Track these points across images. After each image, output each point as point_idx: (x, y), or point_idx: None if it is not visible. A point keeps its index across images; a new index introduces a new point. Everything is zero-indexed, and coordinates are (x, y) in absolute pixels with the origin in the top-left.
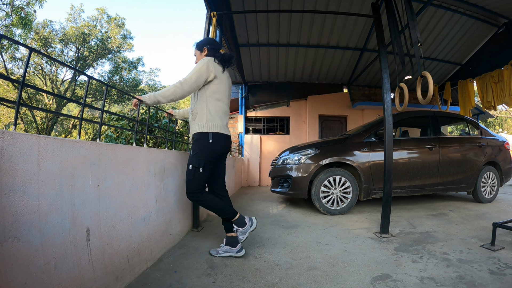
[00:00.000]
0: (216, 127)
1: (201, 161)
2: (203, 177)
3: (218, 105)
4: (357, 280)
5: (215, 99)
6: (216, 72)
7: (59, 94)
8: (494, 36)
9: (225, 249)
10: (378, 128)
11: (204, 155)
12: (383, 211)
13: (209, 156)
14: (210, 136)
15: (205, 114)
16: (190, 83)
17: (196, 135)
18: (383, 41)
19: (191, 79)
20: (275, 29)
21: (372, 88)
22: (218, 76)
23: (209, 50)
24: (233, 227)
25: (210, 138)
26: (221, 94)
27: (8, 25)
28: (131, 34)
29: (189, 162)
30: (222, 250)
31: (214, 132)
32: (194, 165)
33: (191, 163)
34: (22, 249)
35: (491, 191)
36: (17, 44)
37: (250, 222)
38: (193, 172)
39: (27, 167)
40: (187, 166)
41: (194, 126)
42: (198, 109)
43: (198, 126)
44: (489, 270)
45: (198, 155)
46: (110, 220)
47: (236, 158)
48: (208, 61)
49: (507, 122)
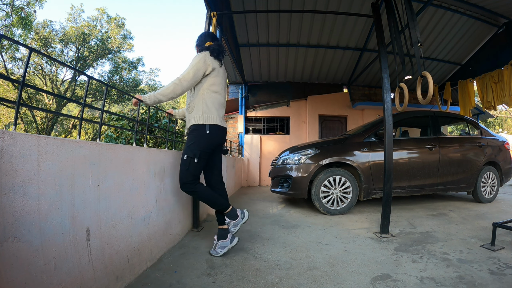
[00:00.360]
0: (213, 119)
1: (197, 151)
2: (197, 168)
3: (215, 97)
4: (357, 280)
5: (212, 91)
6: (213, 64)
7: (59, 94)
8: (494, 36)
9: (219, 244)
10: (378, 128)
11: (200, 146)
12: (383, 211)
13: (205, 147)
14: (207, 127)
15: (201, 106)
16: (188, 78)
17: (192, 126)
18: (383, 41)
19: (189, 75)
20: (275, 29)
21: (372, 88)
22: (216, 68)
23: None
24: (225, 220)
25: (207, 129)
26: (218, 86)
27: (8, 25)
28: (131, 34)
29: (184, 152)
30: (218, 247)
31: (211, 124)
32: (189, 155)
33: (186, 153)
34: (22, 249)
35: (491, 191)
36: (17, 44)
37: (242, 215)
38: (188, 163)
39: (27, 167)
40: (181, 157)
41: (191, 118)
42: (195, 102)
43: (194, 118)
44: (489, 270)
45: (194, 145)
46: (110, 220)
47: (236, 158)
48: (205, 55)
49: (507, 122)
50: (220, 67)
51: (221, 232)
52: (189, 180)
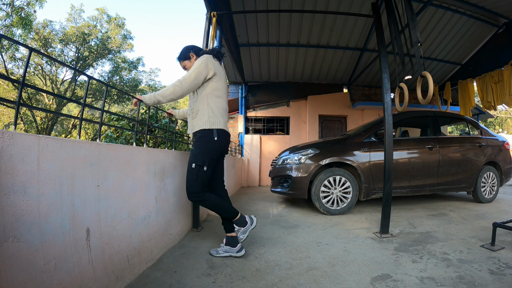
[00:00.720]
0: (220, 124)
1: (206, 159)
2: (206, 176)
3: (219, 102)
4: (357, 280)
5: (215, 96)
6: (216, 69)
7: (59, 94)
8: (494, 36)
9: (225, 249)
10: (378, 128)
11: (210, 153)
12: (383, 211)
13: (214, 154)
14: (214, 133)
15: (206, 111)
16: (190, 81)
17: (199, 132)
18: (383, 41)
19: (190, 77)
20: (275, 29)
21: (372, 88)
22: (218, 72)
23: (196, 53)
24: (234, 227)
25: (215, 135)
26: (221, 91)
27: (8, 25)
28: (131, 34)
29: (191, 161)
30: (222, 250)
31: (218, 129)
32: (198, 164)
33: (194, 161)
34: (22, 249)
35: (491, 191)
36: (17, 44)
37: (250, 221)
38: (197, 171)
39: (27, 167)
40: (188, 165)
41: (196, 124)
42: (199, 107)
43: (200, 123)
44: (489, 270)
45: (202, 152)
46: (110, 220)
47: (236, 158)
48: (207, 58)
49: (507, 122)
50: (222, 71)
51: (230, 240)
52: (198, 189)
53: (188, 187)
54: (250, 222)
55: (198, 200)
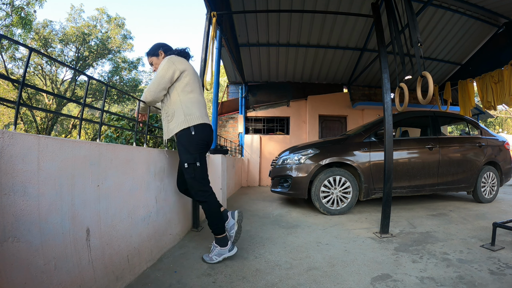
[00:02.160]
0: (196, 119)
1: (194, 154)
2: (203, 171)
3: (193, 97)
4: (357, 280)
5: (187, 92)
6: (182, 65)
7: (59, 94)
8: (494, 36)
9: (217, 251)
10: (378, 128)
11: (195, 147)
12: (383, 211)
13: (199, 147)
14: (191, 129)
15: (182, 111)
16: (156, 82)
17: (177, 133)
18: (383, 41)
19: (156, 78)
20: (275, 29)
21: (372, 88)
22: (185, 68)
23: (165, 52)
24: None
25: (192, 131)
26: (191, 85)
27: (8, 25)
28: (131, 34)
29: (182, 161)
30: (215, 255)
31: (195, 125)
32: (189, 162)
33: (185, 161)
34: (22, 249)
35: (491, 191)
36: (17, 44)
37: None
38: (192, 170)
39: (27, 167)
40: (183, 168)
41: (174, 127)
42: (174, 108)
43: (177, 125)
44: (489, 270)
45: (188, 150)
46: (110, 220)
47: (236, 158)
48: (170, 59)
49: (507, 122)
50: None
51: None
52: (201, 187)
53: (190, 188)
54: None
55: (203, 200)
